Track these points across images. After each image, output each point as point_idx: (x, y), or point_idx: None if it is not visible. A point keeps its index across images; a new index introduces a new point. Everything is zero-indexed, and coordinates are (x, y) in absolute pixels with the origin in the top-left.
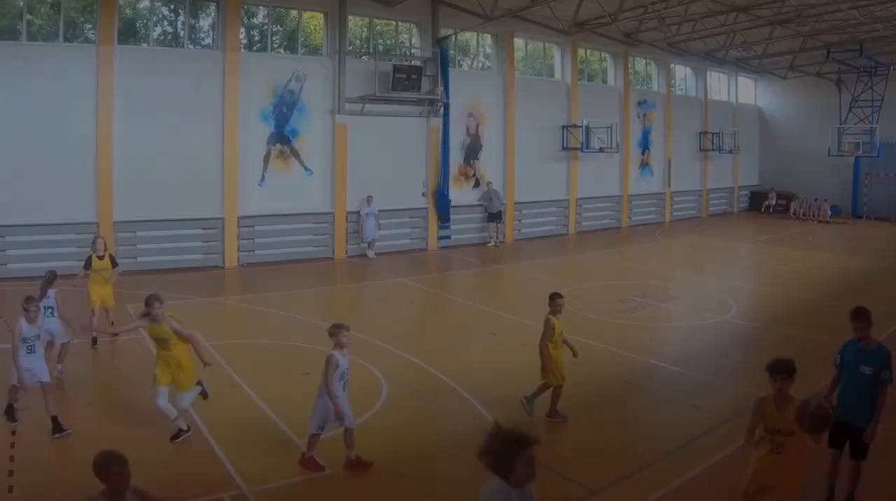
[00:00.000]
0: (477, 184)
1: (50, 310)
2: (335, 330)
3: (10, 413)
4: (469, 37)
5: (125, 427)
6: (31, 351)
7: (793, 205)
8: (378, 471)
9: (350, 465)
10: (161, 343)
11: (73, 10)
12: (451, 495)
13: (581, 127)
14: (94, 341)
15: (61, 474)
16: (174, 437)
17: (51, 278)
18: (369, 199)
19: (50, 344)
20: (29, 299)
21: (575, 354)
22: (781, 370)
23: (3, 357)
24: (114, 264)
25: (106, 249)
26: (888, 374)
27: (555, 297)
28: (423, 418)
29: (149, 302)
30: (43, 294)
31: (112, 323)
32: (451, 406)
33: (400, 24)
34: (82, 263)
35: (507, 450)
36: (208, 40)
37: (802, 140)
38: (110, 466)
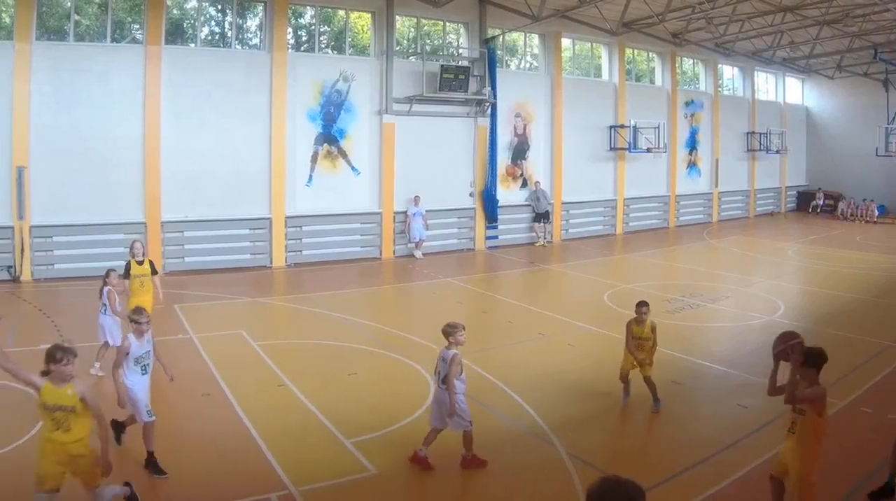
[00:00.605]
0: (524, 185)
1: (103, 308)
2: (451, 330)
3: (119, 430)
4: (516, 37)
5: (172, 423)
6: (145, 371)
7: (840, 206)
8: (422, 470)
9: (465, 463)
10: (55, 418)
11: (121, 11)
12: (499, 495)
13: (628, 127)
14: None
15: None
16: None
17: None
18: (416, 199)
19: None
20: (139, 310)
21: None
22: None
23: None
24: (153, 270)
25: (145, 254)
26: None
27: (639, 305)
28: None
29: (50, 355)
30: (101, 293)
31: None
32: (498, 405)
33: (447, 24)
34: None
35: None
36: (256, 40)
37: (850, 140)
38: None
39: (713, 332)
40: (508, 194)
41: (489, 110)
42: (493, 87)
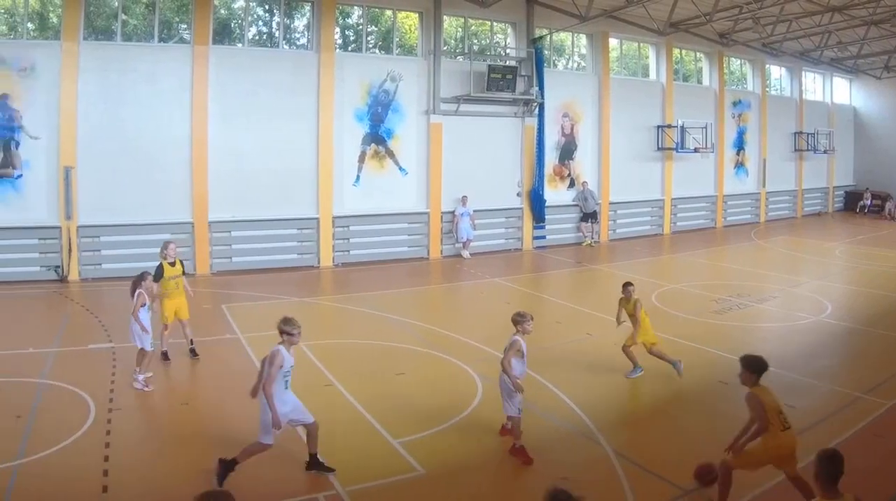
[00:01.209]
0: (572, 185)
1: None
2: (520, 319)
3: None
4: (564, 37)
5: (219, 424)
6: (287, 386)
7: (888, 206)
8: (470, 470)
9: (512, 450)
10: None
11: (168, 11)
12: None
13: (676, 127)
14: (165, 355)
15: (154, 475)
16: None
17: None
18: (464, 199)
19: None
20: (289, 321)
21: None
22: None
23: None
24: (184, 271)
25: (176, 255)
26: None
27: (625, 286)
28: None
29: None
30: (133, 294)
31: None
32: (547, 405)
33: (495, 24)
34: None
35: None
36: (303, 40)
37: None
38: None
39: (761, 332)
40: (556, 194)
41: (536, 110)
42: (541, 87)
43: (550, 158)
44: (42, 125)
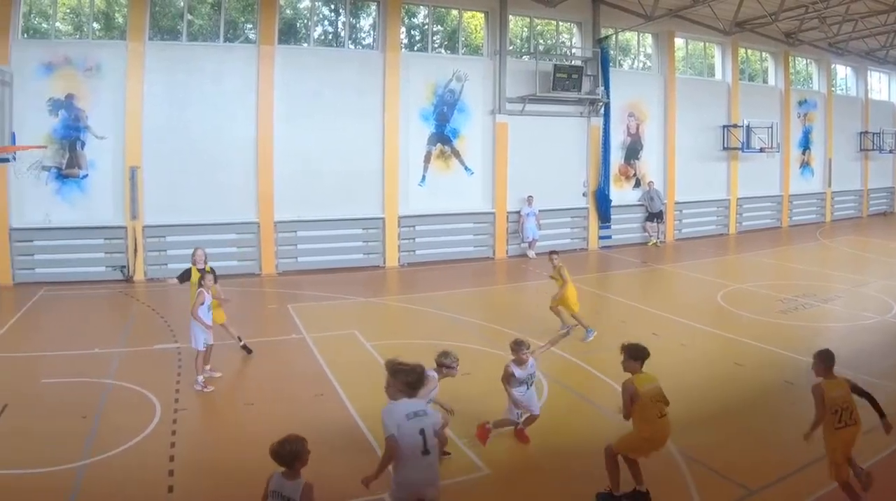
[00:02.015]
0: (637, 184)
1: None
2: (516, 347)
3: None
4: (630, 36)
5: (285, 424)
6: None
7: None
8: (534, 470)
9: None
10: None
11: (234, 11)
12: None
13: (741, 127)
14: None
15: (220, 475)
16: None
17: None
18: (530, 199)
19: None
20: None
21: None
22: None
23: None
24: (215, 278)
25: (206, 261)
26: None
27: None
28: (583, 417)
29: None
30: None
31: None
32: (611, 404)
33: (560, 23)
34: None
35: None
36: (369, 40)
37: None
38: (303, 447)
39: (826, 332)
40: (621, 194)
41: (602, 110)
42: (607, 87)
43: (616, 158)
44: (108, 125)
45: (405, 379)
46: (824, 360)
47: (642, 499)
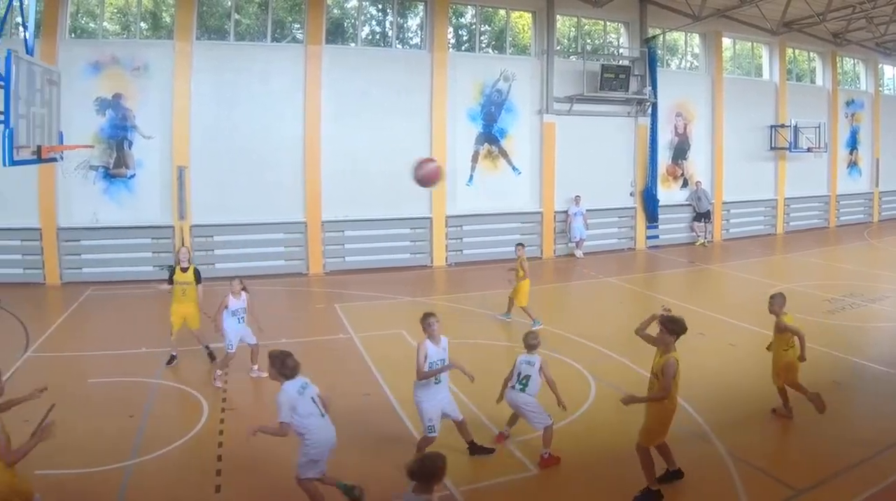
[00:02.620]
0: (685, 184)
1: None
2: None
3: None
4: (677, 36)
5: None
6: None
7: None
8: (582, 471)
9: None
10: None
11: (281, 10)
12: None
13: (789, 126)
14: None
15: (268, 475)
16: None
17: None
18: (577, 199)
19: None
20: (427, 315)
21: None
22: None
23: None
24: (198, 279)
25: (190, 261)
26: None
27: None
28: (632, 416)
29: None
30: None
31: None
32: None
33: (608, 23)
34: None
35: None
36: (416, 40)
37: None
38: (442, 465)
39: (874, 332)
40: (669, 194)
41: (650, 109)
42: (654, 87)
43: (663, 158)
44: (155, 125)
45: (280, 363)
46: (783, 300)
47: (677, 476)
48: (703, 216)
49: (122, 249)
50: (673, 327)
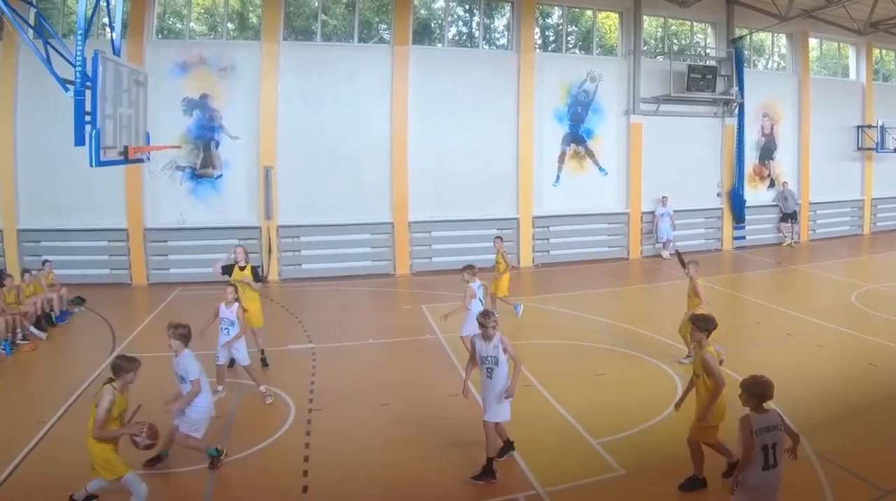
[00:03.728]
0: (772, 185)
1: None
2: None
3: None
4: (763, 37)
5: (419, 424)
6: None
7: None
8: (669, 472)
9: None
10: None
11: (368, 11)
12: None
13: (876, 127)
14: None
15: (355, 476)
16: None
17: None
18: (664, 200)
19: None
20: (487, 314)
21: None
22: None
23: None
24: (256, 277)
25: (248, 260)
26: None
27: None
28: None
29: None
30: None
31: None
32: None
33: (695, 24)
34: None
35: None
36: (503, 40)
37: None
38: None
39: None
40: (756, 194)
41: (736, 110)
42: (741, 87)
43: (750, 158)
44: (242, 125)
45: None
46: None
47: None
48: (789, 216)
49: (209, 250)
50: (703, 325)
